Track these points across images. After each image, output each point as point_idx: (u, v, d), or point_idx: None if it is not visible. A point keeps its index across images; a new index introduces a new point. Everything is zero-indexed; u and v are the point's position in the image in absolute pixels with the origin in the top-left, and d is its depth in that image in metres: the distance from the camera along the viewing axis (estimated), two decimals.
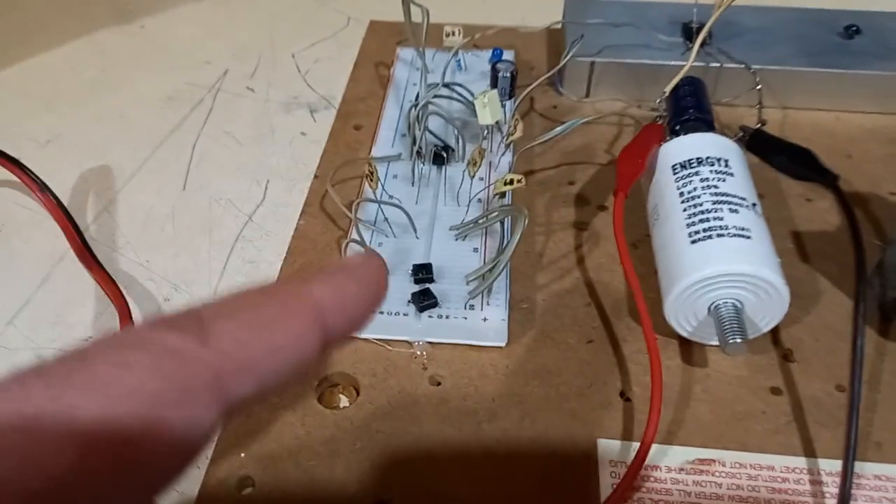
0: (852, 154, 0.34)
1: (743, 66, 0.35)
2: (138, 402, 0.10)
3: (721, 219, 0.25)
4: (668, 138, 0.29)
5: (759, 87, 0.33)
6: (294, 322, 0.12)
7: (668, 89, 0.31)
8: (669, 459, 0.23)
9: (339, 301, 0.13)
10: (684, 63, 0.33)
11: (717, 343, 0.25)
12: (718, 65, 0.36)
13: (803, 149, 0.28)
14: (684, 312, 0.25)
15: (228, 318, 0.12)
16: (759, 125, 0.31)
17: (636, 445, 0.23)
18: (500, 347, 0.26)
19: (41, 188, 0.29)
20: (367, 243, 0.28)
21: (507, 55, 0.37)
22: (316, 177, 0.33)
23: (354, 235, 0.27)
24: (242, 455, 0.23)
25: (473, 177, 0.28)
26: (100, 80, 0.40)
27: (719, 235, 0.24)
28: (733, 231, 0.24)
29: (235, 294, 0.13)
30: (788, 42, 0.37)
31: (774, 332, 0.26)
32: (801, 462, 0.23)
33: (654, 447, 0.23)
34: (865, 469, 0.22)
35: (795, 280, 0.28)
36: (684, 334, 0.25)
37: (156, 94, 0.39)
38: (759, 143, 0.29)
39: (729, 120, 0.36)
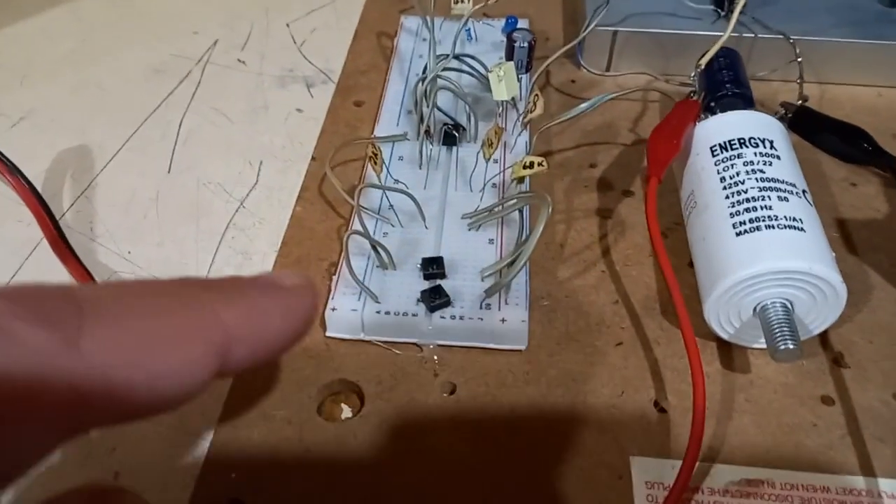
0: None
1: (781, 36, 0.32)
2: None
3: (769, 208, 0.22)
4: (702, 116, 0.27)
5: (799, 59, 0.30)
6: (189, 347, 0.10)
7: (703, 61, 0.28)
8: (712, 480, 0.20)
9: (252, 332, 0.11)
10: (715, 33, 0.30)
11: (761, 346, 0.23)
12: (753, 35, 0.33)
13: (857, 128, 0.25)
14: (727, 313, 0.22)
15: (115, 320, 0.10)
16: (800, 101, 0.29)
17: (675, 463, 0.20)
18: (520, 351, 0.23)
19: (11, 170, 0.26)
20: (372, 234, 0.25)
21: (522, 23, 0.34)
22: (313, 158, 0.30)
23: (357, 225, 0.24)
24: (233, 475, 0.20)
25: (489, 159, 0.26)
26: (79, 52, 0.37)
27: (768, 227, 0.21)
28: (784, 222, 0.21)
29: (134, 285, 0.10)
30: (826, 11, 0.34)
31: (823, 333, 0.23)
32: (859, 482, 0.20)
33: (696, 466, 0.20)
34: None
35: (843, 274, 0.25)
36: (725, 336, 0.23)
37: (139, 66, 0.36)
38: (803, 122, 0.27)
39: (763, 96, 0.33)
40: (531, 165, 0.24)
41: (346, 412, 0.22)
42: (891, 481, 0.20)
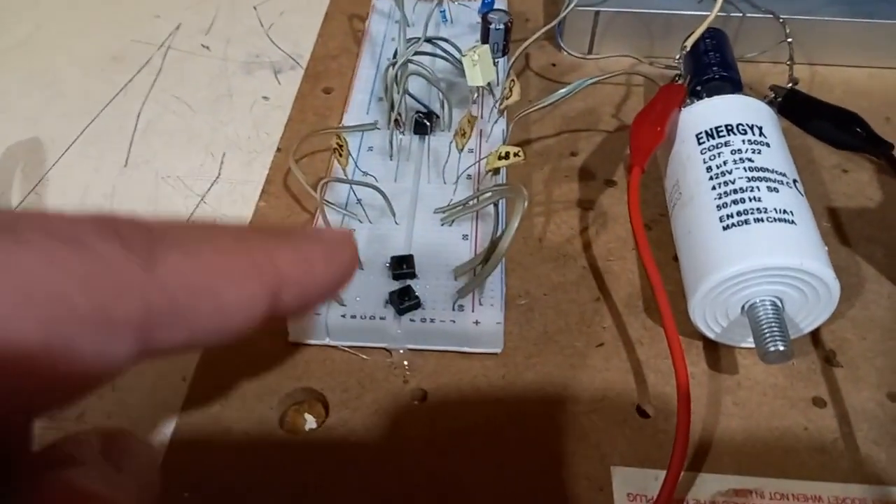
0: (891, 117, 0.30)
1: (770, 15, 0.30)
2: (51, 312, 0.09)
3: (758, 199, 0.21)
4: (688, 101, 0.25)
5: (788, 40, 0.29)
6: (249, 283, 0.11)
7: (688, 43, 0.27)
8: (698, 490, 0.19)
9: (300, 276, 0.12)
10: (701, 13, 0.28)
11: (750, 345, 0.22)
12: (741, 15, 0.31)
13: (850, 113, 0.24)
14: (713, 311, 0.21)
15: (182, 251, 0.10)
16: (790, 84, 0.27)
17: (658, 474, 0.19)
18: (496, 354, 0.22)
19: None
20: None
21: (500, 4, 0.32)
22: (279, 149, 0.29)
23: (320, 222, 0.22)
24: (186, 495, 0.19)
25: (462, 150, 0.24)
26: (32, 39, 0.35)
27: (757, 220, 0.20)
28: (774, 214, 0.20)
29: (198, 225, 0.11)
30: None
31: (814, 330, 0.22)
32: (853, 490, 0.19)
33: (680, 476, 0.19)
34: None
35: (835, 267, 0.24)
36: (711, 336, 0.21)
37: (97, 53, 0.34)
38: (793, 106, 0.25)
39: (751, 79, 0.32)
40: (506, 156, 0.23)
41: (311, 423, 0.21)
42: (887, 488, 0.19)
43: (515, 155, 0.23)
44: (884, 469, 0.19)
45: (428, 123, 0.26)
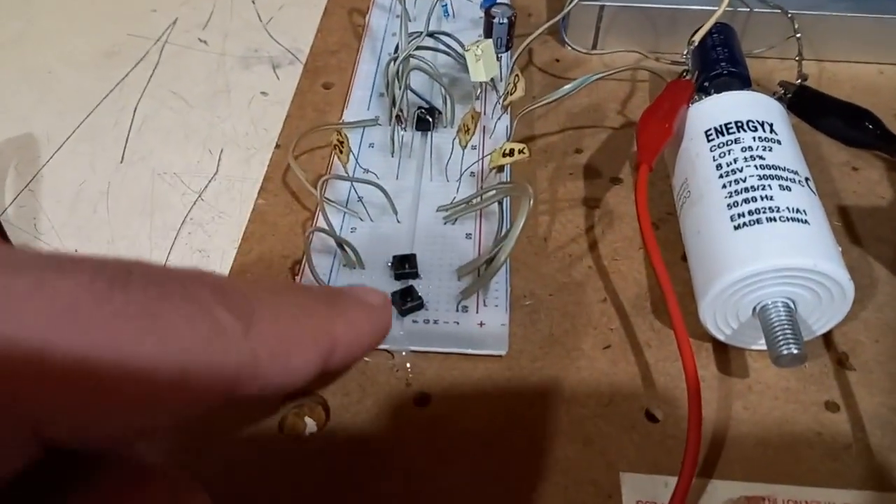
0: None
1: (779, 10, 0.30)
2: (176, 363, 0.10)
3: (770, 198, 0.20)
4: (696, 97, 0.25)
5: (798, 35, 0.28)
6: (312, 350, 0.12)
7: (696, 38, 0.26)
8: (709, 498, 0.18)
9: (350, 341, 0.13)
10: (708, 7, 0.28)
11: (760, 348, 0.21)
12: (748, 9, 0.31)
13: (863, 109, 0.23)
14: (723, 313, 0.20)
15: (272, 318, 0.11)
16: (799, 81, 0.27)
17: (668, 480, 0.18)
18: (500, 357, 0.21)
19: None
20: (339, 228, 0.23)
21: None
22: (278, 146, 0.28)
23: (321, 221, 0.22)
24: None
25: (466, 146, 0.23)
26: (26, 33, 0.34)
27: (770, 220, 0.20)
28: (786, 214, 0.20)
29: (275, 289, 0.13)
30: None
31: (826, 332, 0.21)
32: (867, 498, 0.18)
33: (692, 483, 0.18)
34: None
35: (847, 267, 0.24)
36: (721, 338, 0.21)
37: (92, 48, 0.33)
38: (804, 103, 0.25)
39: (758, 75, 0.31)
40: (511, 153, 0.22)
41: (311, 426, 0.20)
42: None
43: (520, 152, 0.22)
44: None
45: (430, 119, 0.26)
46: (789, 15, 0.29)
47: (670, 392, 0.21)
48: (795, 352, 0.18)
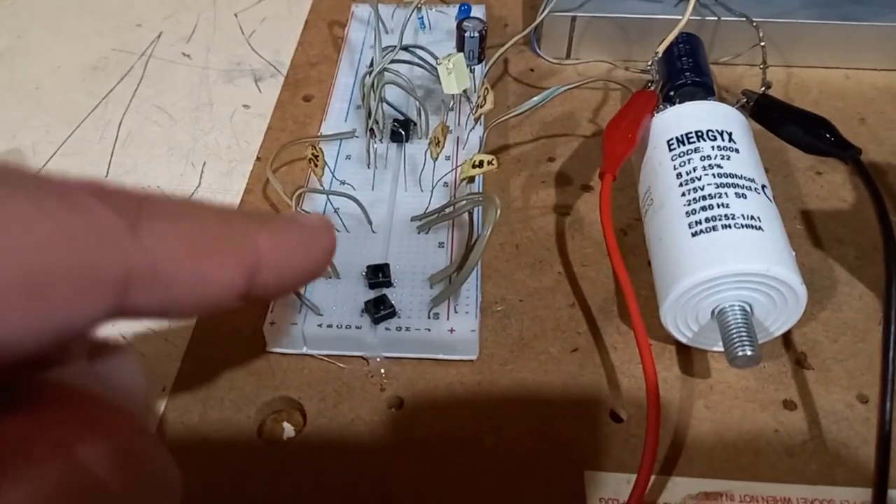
0: (866, 118, 0.31)
1: (744, 19, 0.31)
2: (36, 258, 0.09)
3: (727, 206, 0.21)
4: (661, 107, 0.25)
5: (762, 43, 0.29)
6: (228, 259, 0.11)
7: (660, 49, 0.27)
8: (669, 494, 0.19)
9: (278, 259, 0.12)
10: (677, 17, 0.28)
11: (720, 349, 0.22)
12: (716, 18, 0.31)
13: (819, 118, 0.24)
14: (684, 316, 0.21)
15: (168, 220, 0.10)
16: (763, 89, 0.27)
17: (631, 478, 0.19)
18: (471, 361, 0.22)
19: None
20: None
21: (477, 11, 0.32)
22: (259, 158, 0.29)
23: None
24: None
25: (437, 158, 0.24)
26: (13, 49, 0.35)
27: (725, 226, 0.20)
28: (741, 221, 0.20)
29: (184, 200, 0.11)
30: None
31: (786, 332, 0.22)
32: (821, 492, 0.19)
33: (652, 479, 0.19)
34: None
35: (807, 269, 0.25)
36: (683, 340, 0.22)
37: (78, 62, 0.34)
38: (765, 111, 0.25)
39: (727, 82, 0.32)
40: (481, 164, 0.23)
41: (289, 431, 0.21)
42: (856, 490, 0.19)
43: (489, 163, 0.23)
44: (852, 470, 0.20)
45: (403, 132, 0.26)
46: (754, 23, 0.30)
47: (634, 393, 0.21)
48: (749, 353, 0.19)
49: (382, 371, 0.22)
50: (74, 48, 0.35)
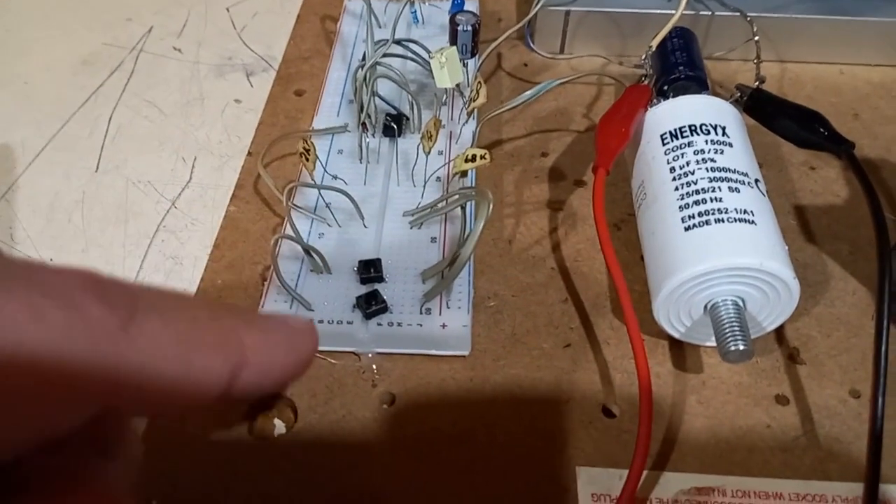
0: (860, 113, 0.31)
1: (738, 13, 0.30)
2: (29, 364, 0.09)
3: (720, 200, 0.21)
4: (654, 101, 0.25)
5: (756, 38, 0.29)
6: (215, 357, 0.11)
7: (654, 43, 0.27)
8: (661, 489, 0.19)
9: (262, 359, 0.12)
10: (671, 11, 0.28)
11: (713, 344, 0.22)
12: (710, 13, 0.31)
13: (813, 112, 0.24)
14: (676, 311, 0.21)
15: (161, 318, 0.11)
16: (757, 83, 0.27)
17: (623, 473, 0.19)
18: (464, 357, 0.22)
19: None
20: (307, 234, 0.24)
21: (470, 5, 0.32)
22: (250, 153, 0.29)
23: (288, 228, 0.22)
24: (154, 503, 0.19)
25: (429, 153, 0.24)
26: (2, 43, 0.35)
27: (718, 221, 0.20)
28: (734, 215, 0.20)
29: (177, 295, 0.12)
30: None
31: (778, 328, 0.22)
32: (813, 487, 0.19)
33: (644, 474, 0.19)
34: (892, 493, 0.19)
35: (800, 264, 0.25)
36: (676, 335, 0.22)
37: (68, 57, 0.34)
38: (758, 106, 0.25)
39: (721, 77, 0.32)
40: (473, 158, 0.23)
41: (280, 428, 0.21)
42: (848, 484, 0.19)
43: (482, 157, 0.23)
44: (845, 466, 0.20)
45: (395, 126, 0.26)
46: (748, 18, 0.30)
47: (626, 388, 0.21)
48: (742, 348, 0.19)
49: (374, 367, 0.22)
50: (65, 42, 0.35)
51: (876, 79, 0.32)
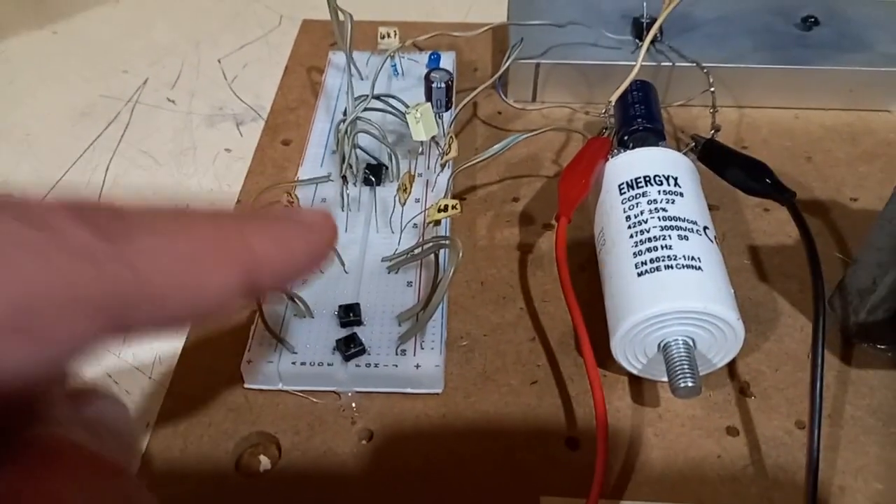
0: (812, 156, 0.33)
1: (695, 65, 0.33)
2: (15, 290, 0.09)
3: (670, 247, 0.23)
4: (615, 151, 0.27)
5: (712, 89, 0.31)
6: (223, 266, 0.11)
7: (613, 98, 0.29)
8: None
9: (276, 256, 0.12)
10: (635, 63, 0.30)
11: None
12: (670, 64, 0.33)
13: (758, 162, 0.26)
14: (633, 350, 0.23)
15: (153, 233, 0.10)
16: (712, 132, 0.29)
17: (583, 503, 0.21)
18: (437, 394, 0.23)
19: None
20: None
21: (447, 58, 0.34)
22: (239, 201, 0.30)
23: None
24: None
25: (405, 204, 0.26)
26: (4, 94, 0.37)
27: (668, 267, 0.22)
28: (682, 262, 0.22)
29: (168, 208, 0.11)
30: (744, 35, 0.35)
31: (731, 363, 0.24)
32: None
33: (601, 503, 0.21)
34: None
35: (753, 302, 0.26)
36: (634, 372, 0.23)
37: (67, 108, 0.36)
38: (710, 155, 0.27)
39: (684, 122, 0.34)
40: (445, 209, 0.25)
41: (265, 463, 0.22)
42: None
43: (453, 208, 0.25)
44: (789, 494, 0.21)
45: (373, 178, 0.28)
46: (704, 69, 0.32)
47: (589, 422, 0.23)
48: (691, 384, 0.21)
49: (353, 405, 0.23)
50: (63, 94, 0.37)
51: (829, 122, 0.34)
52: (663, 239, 0.23)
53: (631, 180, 0.25)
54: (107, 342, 0.10)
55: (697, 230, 0.23)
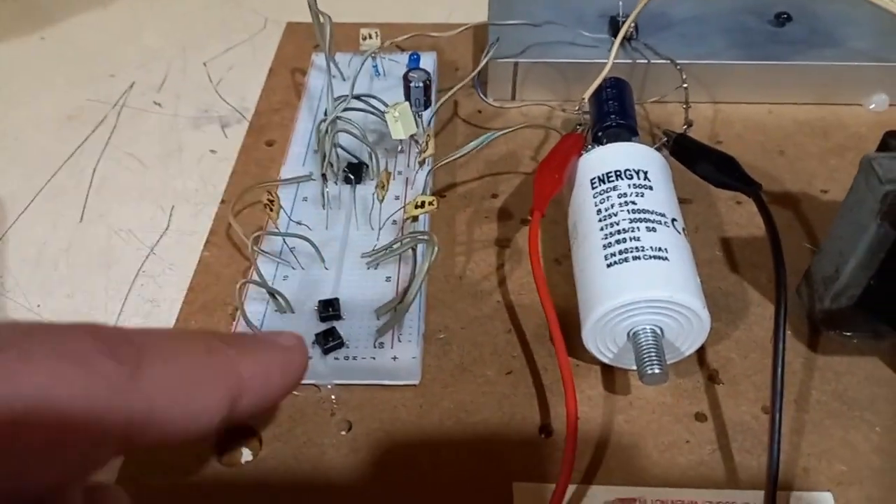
0: (785, 150, 0.33)
1: (669, 61, 0.33)
2: (55, 421, 0.10)
3: (637, 239, 0.23)
4: (589, 146, 0.28)
5: (685, 85, 0.32)
6: (215, 391, 0.13)
7: (587, 95, 0.30)
8: (589, 501, 0.21)
9: (258, 385, 0.13)
10: (612, 60, 0.31)
11: None
12: (646, 61, 0.34)
13: (726, 156, 0.27)
14: (603, 339, 0.23)
15: (163, 363, 0.12)
16: (684, 128, 0.30)
17: (554, 488, 0.21)
18: (414, 386, 0.24)
19: None
20: (273, 277, 0.26)
21: (427, 58, 0.35)
22: (223, 201, 0.31)
23: (254, 274, 0.25)
24: None
25: (383, 200, 0.27)
26: None
27: (635, 258, 0.23)
28: (650, 252, 0.23)
29: (173, 334, 0.14)
30: (718, 33, 0.36)
31: (700, 351, 0.25)
32: (725, 495, 0.22)
33: (572, 488, 0.21)
34: (791, 500, 0.21)
35: (723, 292, 0.27)
36: (605, 360, 0.24)
37: (55, 112, 0.36)
38: (681, 150, 0.28)
39: (659, 118, 0.35)
40: (423, 205, 0.25)
41: (247, 455, 0.23)
42: (755, 492, 0.22)
43: (430, 204, 0.25)
44: (754, 475, 0.22)
45: (353, 177, 0.29)
46: (678, 66, 0.33)
47: (561, 411, 0.23)
48: (657, 371, 0.21)
49: (333, 397, 0.24)
50: (51, 98, 0.37)
51: (801, 117, 0.35)
52: (632, 231, 0.23)
53: (602, 175, 0.25)
54: (114, 458, 0.12)
55: (665, 222, 0.24)
